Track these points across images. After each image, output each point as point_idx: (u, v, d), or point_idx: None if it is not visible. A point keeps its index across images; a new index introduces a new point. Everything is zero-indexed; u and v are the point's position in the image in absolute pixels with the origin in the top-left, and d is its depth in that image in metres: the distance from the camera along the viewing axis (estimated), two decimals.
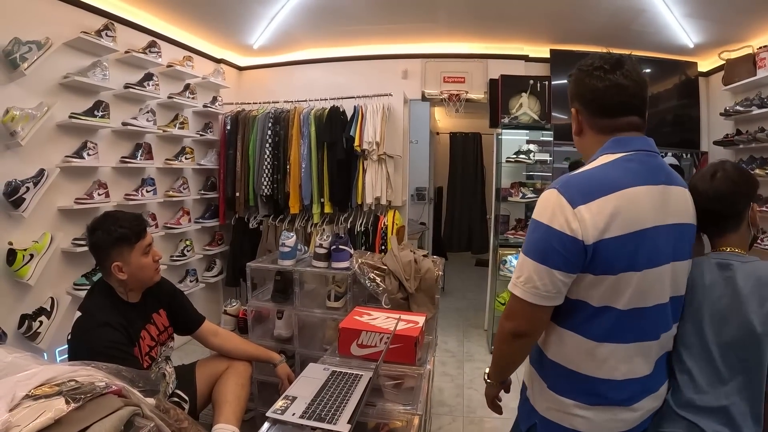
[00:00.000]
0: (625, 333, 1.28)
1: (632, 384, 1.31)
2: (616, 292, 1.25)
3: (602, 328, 1.28)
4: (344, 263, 2.91)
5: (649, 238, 1.25)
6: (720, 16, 3.91)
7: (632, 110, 1.34)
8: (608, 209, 1.21)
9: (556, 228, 1.23)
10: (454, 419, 3.29)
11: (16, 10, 2.96)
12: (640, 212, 1.24)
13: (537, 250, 1.26)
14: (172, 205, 4.42)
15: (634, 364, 1.31)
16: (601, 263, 1.22)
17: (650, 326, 1.32)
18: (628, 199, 1.23)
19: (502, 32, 4.83)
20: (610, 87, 1.32)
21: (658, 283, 1.29)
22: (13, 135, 2.84)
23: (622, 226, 1.21)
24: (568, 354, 1.34)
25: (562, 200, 1.23)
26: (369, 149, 4.45)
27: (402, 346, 2.06)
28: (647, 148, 1.33)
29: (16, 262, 2.85)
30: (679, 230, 1.33)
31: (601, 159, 1.32)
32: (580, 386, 1.33)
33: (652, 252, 1.26)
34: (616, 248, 1.21)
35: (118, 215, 2.13)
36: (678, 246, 1.33)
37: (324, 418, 1.57)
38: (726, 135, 4.40)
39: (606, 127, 1.36)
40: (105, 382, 1.10)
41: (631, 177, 1.26)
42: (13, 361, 1.17)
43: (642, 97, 1.35)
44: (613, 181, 1.24)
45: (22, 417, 0.92)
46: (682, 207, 1.35)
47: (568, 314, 1.32)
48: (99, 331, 1.92)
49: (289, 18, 4.37)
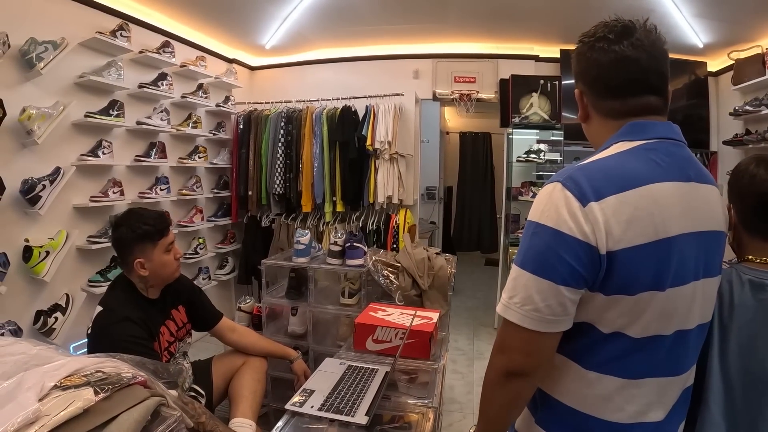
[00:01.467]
0: (636, 365, 1.00)
1: (641, 429, 1.03)
2: (632, 317, 0.96)
3: (608, 357, 1.00)
4: (359, 260, 2.93)
5: (677, 248, 0.96)
6: (729, 16, 3.89)
7: (646, 89, 1.05)
8: (627, 209, 0.92)
9: (564, 231, 0.93)
10: (465, 416, 3.31)
11: (32, 11, 2.99)
12: (667, 216, 0.95)
13: (537, 261, 0.96)
14: (186, 204, 4.46)
15: (647, 404, 1.02)
16: (616, 280, 0.94)
17: (669, 358, 1.02)
18: (652, 198, 0.94)
19: (512, 32, 4.82)
20: (615, 61, 1.03)
21: (683, 305, 1.00)
22: (29, 134, 2.87)
23: (645, 232, 0.93)
24: (563, 385, 1.07)
25: (569, 196, 0.94)
26: (381, 148, 4.46)
27: (417, 341, 2.08)
28: (673, 135, 1.05)
29: (32, 258, 2.88)
30: (710, 239, 1.04)
31: (616, 147, 1.03)
32: (575, 426, 1.06)
33: (679, 267, 0.97)
34: (636, 261, 0.93)
35: (143, 212, 2.16)
36: (709, 259, 1.04)
37: (342, 410, 1.59)
38: (735, 135, 4.38)
39: (616, 110, 1.07)
40: (131, 373, 1.12)
41: (654, 170, 0.97)
42: (38, 353, 1.19)
43: (659, 71, 1.05)
44: (633, 174, 0.95)
45: (51, 406, 0.92)
46: (715, 211, 1.06)
47: (567, 338, 1.01)
48: (120, 326, 1.94)
49: (301, 18, 4.39)
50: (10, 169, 2.82)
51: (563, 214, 0.93)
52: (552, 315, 0.95)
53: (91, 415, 0.96)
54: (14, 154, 2.91)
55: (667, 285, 0.95)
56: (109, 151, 3.44)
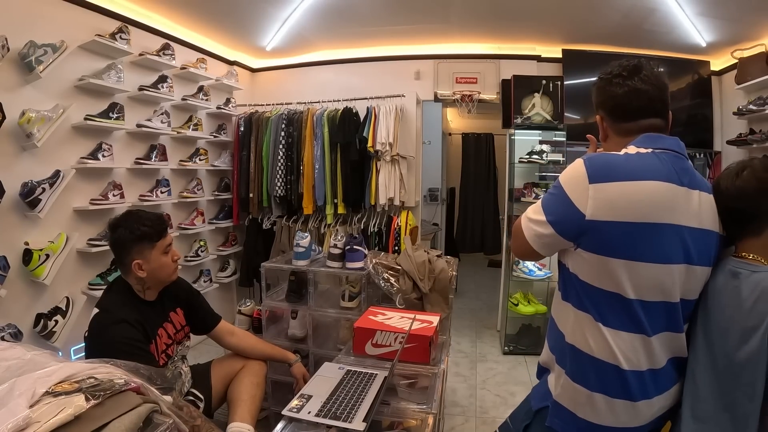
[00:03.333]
0: (625, 321, 1.30)
1: (637, 377, 1.32)
2: (623, 278, 1.27)
3: (612, 314, 1.31)
4: (359, 263, 2.92)
5: (657, 233, 1.26)
6: (732, 15, 3.88)
7: (652, 113, 1.39)
8: (615, 195, 1.26)
9: (569, 197, 1.31)
10: (467, 419, 3.29)
11: (31, 14, 2.99)
12: (652, 206, 1.26)
13: (547, 205, 1.38)
14: (187, 206, 4.45)
15: (639, 355, 1.31)
16: (593, 241, 1.29)
17: (650, 321, 1.30)
18: (642, 190, 1.26)
19: (514, 32, 4.81)
20: (629, 92, 1.38)
21: (662, 280, 1.29)
22: (29, 137, 2.87)
23: (627, 214, 1.25)
24: (586, 337, 1.36)
25: (583, 172, 1.30)
26: (382, 150, 4.45)
27: (417, 346, 2.06)
28: (677, 149, 1.36)
29: (32, 261, 2.88)
30: (699, 235, 1.32)
31: (632, 149, 1.36)
32: (595, 374, 1.34)
33: (657, 248, 1.27)
34: (613, 232, 1.26)
35: (141, 214, 2.16)
36: (697, 250, 1.32)
37: (339, 416, 1.57)
38: (739, 134, 4.37)
39: (629, 130, 1.42)
40: (124, 379, 1.11)
41: (652, 171, 1.29)
42: (32, 358, 1.18)
43: (662, 99, 1.40)
44: (631, 171, 1.28)
45: (42, 413, 0.92)
46: (706, 213, 1.34)
47: (582, 296, 1.36)
48: (116, 328, 1.93)
49: (302, 20, 4.38)
50: (9, 172, 2.82)
51: (573, 185, 1.32)
52: (538, 238, 1.39)
53: (82, 421, 0.95)
54: (14, 157, 2.91)
55: (640, 258, 1.26)
56: (109, 154, 3.44)
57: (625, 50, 4.78)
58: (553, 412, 1.44)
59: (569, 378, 1.40)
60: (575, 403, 1.38)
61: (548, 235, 1.36)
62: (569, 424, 1.40)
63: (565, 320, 1.43)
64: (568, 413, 1.39)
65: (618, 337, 1.30)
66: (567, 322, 1.42)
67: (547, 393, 1.48)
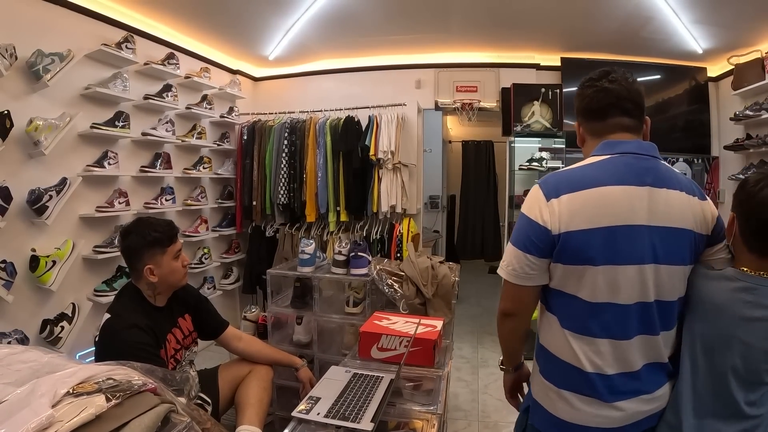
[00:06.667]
0: (593, 326, 1.33)
1: (604, 379, 1.33)
2: (583, 283, 1.32)
3: (573, 318, 1.36)
4: (363, 270, 2.94)
5: (621, 235, 1.29)
6: (728, 22, 3.92)
7: (621, 111, 1.41)
8: (576, 204, 1.31)
9: (532, 218, 1.35)
10: (470, 424, 3.31)
11: (39, 23, 3.03)
12: (611, 210, 1.30)
13: (516, 237, 1.40)
14: (191, 214, 4.49)
15: (605, 358, 1.33)
16: (566, 253, 1.32)
17: (622, 324, 1.32)
18: (598, 196, 1.31)
19: (513, 41, 4.86)
20: (597, 91, 1.42)
21: (630, 280, 1.30)
22: (36, 144, 2.91)
23: (588, 220, 1.29)
24: (552, 339, 1.43)
25: (540, 194, 1.36)
26: (384, 158, 4.48)
27: (421, 349, 2.09)
28: (637, 150, 1.37)
29: (38, 268, 2.91)
30: (666, 234, 1.31)
31: (589, 159, 1.41)
32: (561, 373, 1.40)
33: (623, 249, 1.29)
34: (579, 240, 1.29)
35: (152, 221, 2.20)
36: (663, 249, 1.31)
37: (348, 417, 1.60)
38: (736, 139, 4.40)
39: (598, 130, 1.45)
40: (142, 380, 1.14)
41: (607, 176, 1.32)
42: (49, 360, 1.21)
43: (631, 99, 1.40)
44: (587, 179, 1.33)
45: (64, 413, 0.94)
46: (675, 211, 1.33)
47: (552, 300, 1.42)
48: (127, 333, 1.96)
49: (305, 30, 4.42)
50: (17, 179, 2.85)
51: (534, 206, 1.36)
52: (523, 273, 1.38)
53: (102, 421, 0.97)
54: (21, 164, 2.94)
55: (607, 261, 1.29)
56: (114, 162, 3.47)
57: (623, 58, 4.83)
58: (533, 409, 1.51)
59: (542, 376, 1.47)
60: (549, 401, 1.43)
61: (530, 263, 1.37)
62: (547, 421, 1.44)
63: (539, 321, 1.52)
64: (545, 411, 1.45)
65: (582, 340, 1.34)
66: (540, 323, 1.51)
67: (529, 392, 1.57)
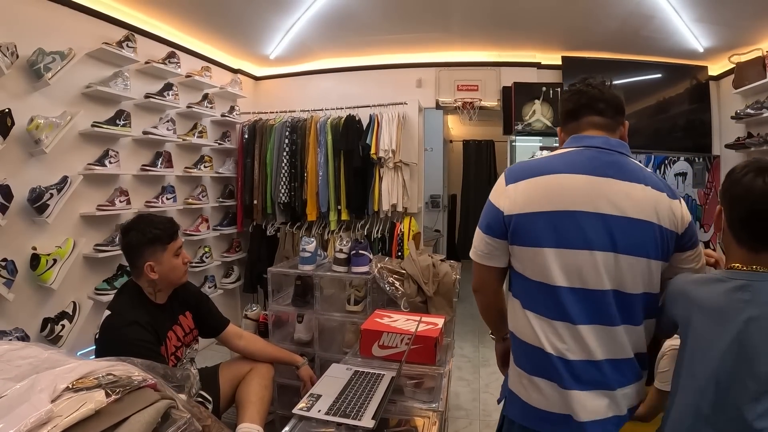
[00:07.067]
0: (548, 307, 1.38)
1: (565, 364, 1.35)
2: (536, 265, 1.39)
3: (531, 298, 1.43)
4: (364, 268, 2.94)
5: (569, 220, 1.36)
6: (729, 20, 3.91)
7: (594, 111, 1.49)
8: (529, 189, 1.41)
9: (492, 201, 1.49)
10: (471, 422, 3.32)
11: (40, 22, 3.03)
12: (564, 196, 1.38)
13: (480, 220, 1.52)
14: (191, 213, 4.49)
15: (565, 341, 1.36)
16: (516, 234, 1.42)
17: (575, 308, 1.35)
18: (550, 183, 1.41)
19: (514, 40, 4.85)
20: (573, 93, 1.54)
21: (580, 265, 1.35)
22: (37, 143, 2.91)
23: (536, 204, 1.39)
24: (517, 322, 1.48)
25: (503, 180, 1.49)
26: (385, 157, 4.48)
27: (422, 347, 2.09)
28: (603, 146, 1.45)
29: (39, 266, 2.91)
30: (629, 224, 1.34)
31: (557, 151, 1.54)
32: (529, 358, 1.44)
33: (572, 234, 1.35)
34: (527, 222, 1.39)
35: (153, 218, 2.20)
36: (627, 239, 1.34)
37: (349, 414, 1.61)
38: (738, 138, 4.39)
39: (573, 128, 1.54)
40: (141, 376, 1.14)
41: (565, 166, 1.42)
42: (49, 356, 1.21)
43: (604, 100, 1.49)
44: (544, 168, 1.43)
45: (64, 407, 0.94)
46: (637, 203, 1.36)
47: (515, 283, 1.49)
48: (128, 329, 1.96)
49: (305, 29, 4.43)
50: (18, 177, 2.85)
51: (495, 192, 1.50)
52: (482, 252, 1.51)
53: (102, 416, 0.98)
54: (22, 163, 2.94)
55: (556, 245, 1.36)
56: (115, 161, 3.47)
57: (624, 56, 4.84)
58: (508, 400, 1.55)
59: (515, 364, 1.51)
60: (523, 389, 1.46)
61: (488, 243, 1.49)
62: (521, 410, 1.47)
63: (508, 308, 1.57)
64: (518, 400, 1.48)
65: (542, 321, 1.39)
66: (508, 309, 1.57)
67: (505, 383, 1.60)
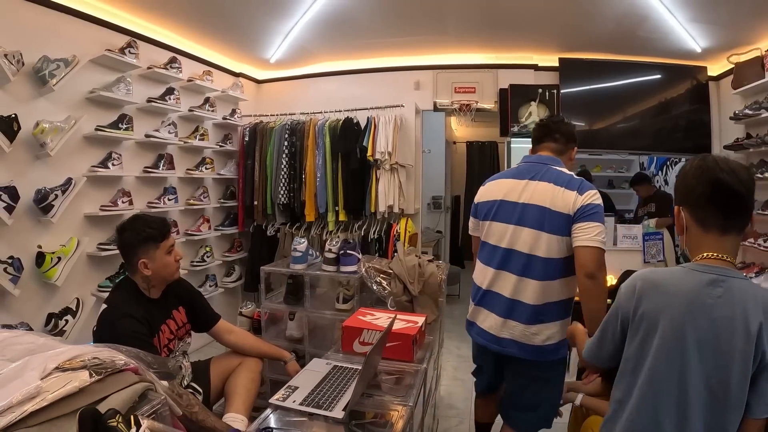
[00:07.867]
0: (483, 256, 2.27)
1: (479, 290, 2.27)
2: (483, 230, 2.28)
3: (481, 253, 2.30)
4: (352, 267, 3.03)
5: (501, 206, 2.19)
6: (725, 20, 3.90)
7: (550, 139, 2.28)
8: (485, 188, 2.34)
9: (474, 200, 2.39)
10: (461, 421, 3.38)
11: (45, 30, 3.15)
12: (498, 192, 2.22)
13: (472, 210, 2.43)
14: (193, 213, 4.59)
15: (484, 277, 2.23)
16: (478, 214, 2.34)
17: (491, 256, 2.20)
18: (498, 184, 2.26)
19: (511, 42, 4.89)
20: (537, 127, 2.41)
21: (500, 232, 2.18)
22: (42, 146, 3.02)
23: (487, 196, 2.28)
24: (475, 271, 2.35)
25: (482, 185, 2.39)
26: (381, 159, 4.56)
27: (400, 344, 2.17)
28: (536, 161, 2.23)
29: (44, 264, 3.03)
30: (532, 208, 2.09)
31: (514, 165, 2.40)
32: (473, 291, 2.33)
33: (500, 213, 2.19)
34: (481, 207, 2.30)
35: (146, 218, 2.31)
36: (527, 217, 2.10)
37: (321, 405, 1.70)
38: (737, 139, 4.37)
39: (536, 149, 2.33)
40: (124, 360, 1.27)
41: (507, 174, 2.33)
42: (44, 342, 1.35)
43: (560, 132, 2.28)
44: (499, 176, 2.34)
45: (51, 384, 1.08)
46: (538, 195, 2.10)
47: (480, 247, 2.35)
48: (122, 322, 2.06)
49: (304, 33, 4.50)
50: (24, 179, 2.97)
51: (478, 195, 2.37)
52: (471, 228, 2.43)
53: (85, 394, 1.11)
54: (28, 165, 3.06)
55: (490, 219, 2.22)
56: (118, 163, 3.59)
57: (621, 58, 4.85)
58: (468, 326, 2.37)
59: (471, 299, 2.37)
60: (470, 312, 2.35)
61: (472, 223, 2.42)
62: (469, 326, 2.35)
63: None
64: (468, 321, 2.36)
65: (479, 266, 2.28)
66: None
67: None
